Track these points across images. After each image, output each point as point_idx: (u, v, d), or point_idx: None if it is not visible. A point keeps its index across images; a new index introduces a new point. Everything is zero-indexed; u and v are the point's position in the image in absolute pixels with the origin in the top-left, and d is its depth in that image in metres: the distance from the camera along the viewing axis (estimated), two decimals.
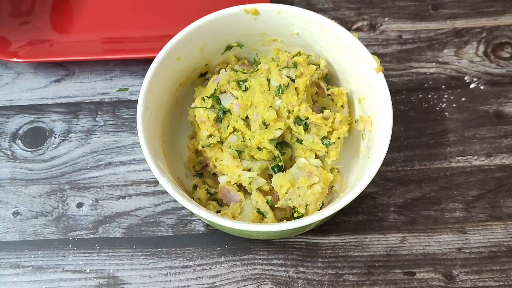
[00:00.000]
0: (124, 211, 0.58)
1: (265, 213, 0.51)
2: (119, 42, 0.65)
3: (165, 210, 0.58)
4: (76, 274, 0.55)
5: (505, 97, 0.63)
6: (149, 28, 0.66)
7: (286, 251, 0.55)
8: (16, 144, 0.61)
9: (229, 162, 0.52)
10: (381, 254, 0.55)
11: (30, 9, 0.67)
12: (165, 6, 0.67)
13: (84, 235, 0.57)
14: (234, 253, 0.55)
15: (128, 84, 0.64)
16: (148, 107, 0.50)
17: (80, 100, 0.64)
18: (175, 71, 0.53)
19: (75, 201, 0.58)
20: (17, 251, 0.56)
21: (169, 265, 0.55)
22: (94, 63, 0.66)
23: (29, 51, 0.63)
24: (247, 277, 0.54)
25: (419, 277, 0.54)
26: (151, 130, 0.50)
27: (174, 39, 0.51)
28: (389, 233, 0.56)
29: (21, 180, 0.59)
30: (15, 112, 0.63)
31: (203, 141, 0.53)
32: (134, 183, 0.59)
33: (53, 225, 0.57)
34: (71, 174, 0.59)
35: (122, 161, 0.60)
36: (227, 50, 0.57)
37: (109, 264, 0.55)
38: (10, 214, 0.58)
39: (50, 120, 0.63)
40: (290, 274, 0.55)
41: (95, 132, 0.62)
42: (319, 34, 0.53)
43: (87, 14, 0.67)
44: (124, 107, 0.63)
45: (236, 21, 0.53)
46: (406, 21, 0.67)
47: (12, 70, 0.66)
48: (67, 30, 0.66)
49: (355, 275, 0.54)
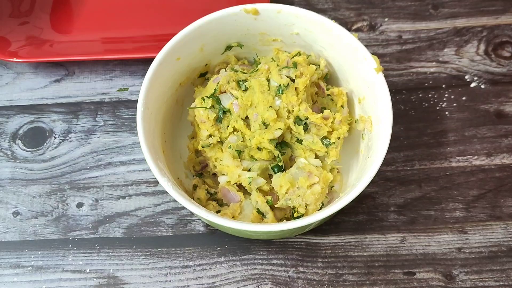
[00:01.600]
0: (124, 211, 0.58)
1: (265, 213, 0.51)
2: (119, 42, 0.65)
3: (165, 210, 0.58)
4: (76, 274, 0.55)
5: (505, 97, 0.62)
6: (149, 28, 0.66)
7: (286, 251, 0.55)
8: (16, 144, 0.61)
9: (229, 162, 0.52)
10: (381, 254, 0.55)
11: (30, 9, 0.67)
12: (165, 6, 0.67)
13: (84, 235, 0.57)
14: (234, 253, 0.55)
15: (128, 84, 0.64)
16: (148, 107, 0.49)
17: (80, 100, 0.64)
18: (175, 71, 0.53)
19: (75, 201, 0.58)
20: (17, 251, 0.56)
21: (169, 265, 0.55)
22: (94, 63, 0.65)
23: (29, 51, 0.63)
24: (247, 277, 0.54)
25: (419, 277, 0.54)
26: (151, 130, 0.50)
27: (174, 39, 0.51)
28: (389, 233, 0.56)
29: (21, 180, 0.59)
30: (15, 112, 0.63)
31: (203, 141, 0.52)
32: (134, 183, 0.59)
33: (53, 225, 0.57)
34: (71, 174, 0.59)
35: (122, 161, 0.60)
36: (227, 50, 0.57)
37: (109, 264, 0.55)
38: (10, 214, 0.58)
39: (50, 120, 0.62)
40: (290, 274, 0.55)
41: (95, 132, 0.62)
42: (319, 34, 0.53)
43: (87, 14, 0.67)
44: (124, 107, 0.63)
45: (236, 21, 0.53)
46: (406, 21, 0.67)
47: (12, 70, 0.66)
48: (67, 30, 0.66)
49: (355, 275, 0.54)
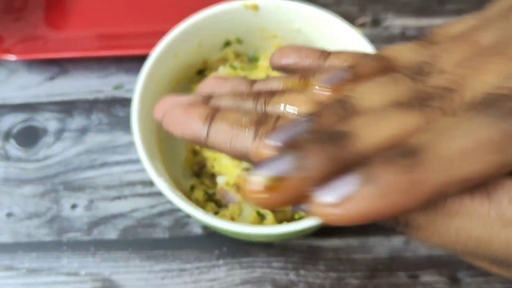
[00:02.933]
0: (120, 213, 0.56)
1: (265, 214, 0.50)
2: (114, 39, 0.64)
3: (162, 212, 0.56)
4: (70, 277, 0.54)
5: None
6: (145, 24, 0.65)
7: (287, 253, 0.54)
8: (9, 143, 0.60)
9: (228, 162, 0.51)
10: (384, 256, 0.54)
11: (23, 5, 0.66)
12: (162, 1, 0.66)
13: (78, 237, 0.55)
14: (233, 256, 0.54)
15: (123, 82, 0.63)
16: (144, 105, 0.48)
17: (74, 98, 0.63)
18: (172, 68, 0.52)
19: (69, 202, 0.57)
20: (10, 253, 0.55)
21: (166, 268, 0.54)
22: (88, 60, 0.64)
23: (22, 48, 0.62)
24: (246, 280, 0.53)
25: (423, 280, 0.53)
26: (147, 129, 0.49)
27: (170, 35, 0.50)
28: (393, 235, 0.55)
29: (14, 180, 0.58)
30: (8, 110, 0.62)
31: None
32: (129, 184, 0.58)
33: (47, 226, 0.56)
34: (65, 174, 0.58)
35: (118, 161, 0.59)
36: (225, 46, 0.56)
37: (104, 266, 0.54)
38: (4, 215, 0.57)
39: (44, 119, 0.61)
40: (291, 278, 0.53)
41: (90, 131, 0.61)
42: (321, 30, 0.52)
43: (82, 10, 0.66)
44: (119, 105, 0.62)
45: (235, 16, 0.52)
46: (410, 16, 0.66)
47: (5, 67, 0.65)
48: (61, 27, 0.65)
49: (357, 279, 0.53)
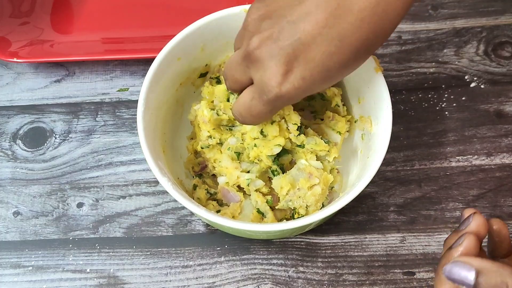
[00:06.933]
0: (125, 211, 0.58)
1: (265, 212, 0.51)
2: (120, 42, 0.65)
3: (165, 210, 0.58)
4: (76, 274, 0.55)
5: (505, 96, 0.62)
6: (150, 28, 0.66)
7: (286, 251, 0.55)
8: (16, 144, 0.61)
9: (228, 163, 0.52)
10: (380, 254, 0.55)
11: (30, 10, 0.67)
12: (166, 6, 0.67)
13: (84, 235, 0.57)
14: (234, 253, 0.55)
15: (128, 84, 0.65)
16: (148, 107, 0.49)
17: (80, 100, 0.64)
18: (176, 71, 0.53)
19: (75, 201, 0.58)
20: (17, 251, 0.56)
21: (169, 264, 0.55)
22: (94, 63, 0.66)
23: (29, 51, 0.63)
24: (247, 276, 0.54)
25: (419, 277, 0.54)
26: (151, 130, 0.50)
27: (174, 39, 0.51)
28: (388, 233, 0.56)
29: (21, 180, 0.59)
30: (16, 112, 0.63)
31: (202, 141, 0.52)
32: (134, 183, 0.59)
33: (54, 225, 0.57)
34: (72, 174, 0.60)
35: (123, 161, 0.60)
36: (227, 50, 0.56)
37: (110, 264, 0.55)
38: (11, 214, 0.58)
39: (50, 120, 0.63)
40: (290, 274, 0.55)
41: (96, 132, 0.62)
42: None
43: (88, 14, 0.67)
44: (124, 107, 0.63)
45: (237, 21, 0.53)
46: (406, 21, 0.67)
47: (13, 70, 0.66)
48: (68, 31, 0.66)
49: (354, 275, 0.54)
